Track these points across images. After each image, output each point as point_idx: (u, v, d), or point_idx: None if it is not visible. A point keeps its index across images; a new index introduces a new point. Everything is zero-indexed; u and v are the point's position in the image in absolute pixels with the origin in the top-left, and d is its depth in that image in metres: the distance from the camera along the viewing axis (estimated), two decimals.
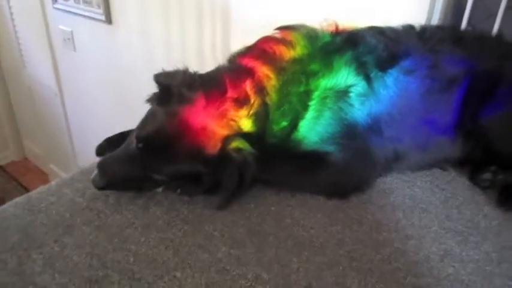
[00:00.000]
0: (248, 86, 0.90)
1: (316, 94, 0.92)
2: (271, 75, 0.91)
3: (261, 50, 0.96)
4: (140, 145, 0.87)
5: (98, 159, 1.02)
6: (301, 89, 0.92)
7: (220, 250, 0.81)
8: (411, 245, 0.85)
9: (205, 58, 1.95)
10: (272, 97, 0.90)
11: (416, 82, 0.99)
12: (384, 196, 0.98)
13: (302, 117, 0.92)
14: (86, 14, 2.37)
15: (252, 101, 0.90)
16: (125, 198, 0.92)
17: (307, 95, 0.92)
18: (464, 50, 1.04)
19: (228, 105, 0.88)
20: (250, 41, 1.04)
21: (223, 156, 0.86)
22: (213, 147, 0.86)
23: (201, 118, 0.86)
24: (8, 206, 0.90)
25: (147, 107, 0.96)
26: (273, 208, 0.93)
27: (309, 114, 0.93)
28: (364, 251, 0.83)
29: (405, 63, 0.99)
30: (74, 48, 2.63)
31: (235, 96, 0.89)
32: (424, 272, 0.79)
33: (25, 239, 0.81)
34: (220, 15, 1.79)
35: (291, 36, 0.98)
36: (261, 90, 0.90)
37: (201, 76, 0.94)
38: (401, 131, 1.00)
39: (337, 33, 1.02)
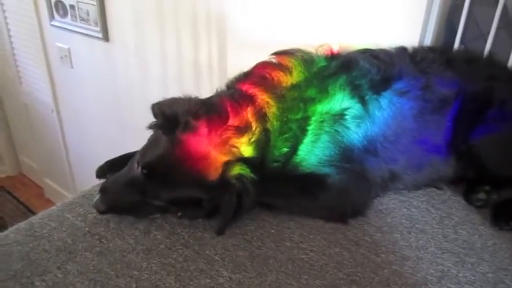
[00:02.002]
0: (249, 113, 0.92)
1: (313, 119, 0.95)
2: (272, 103, 0.93)
3: (260, 76, 0.98)
4: (145, 171, 0.88)
5: (96, 179, 1.04)
6: (300, 115, 0.94)
7: (222, 275, 0.82)
8: (409, 266, 0.87)
9: (201, 74, 1.98)
10: (273, 124, 0.93)
11: (409, 103, 1.02)
12: (382, 217, 1.00)
13: (301, 142, 0.95)
14: (83, 31, 2.39)
15: (253, 128, 0.91)
16: (125, 223, 0.94)
17: (305, 120, 0.94)
18: (455, 71, 1.07)
19: (230, 133, 0.89)
20: (247, 57, 1.06)
21: (224, 182, 0.88)
22: (213, 174, 0.88)
23: (203, 146, 0.87)
24: (10, 232, 0.91)
25: (143, 123, 0.97)
26: (272, 230, 0.94)
27: (308, 139, 0.95)
28: (362, 274, 0.84)
29: (398, 85, 1.02)
30: (71, 65, 2.64)
31: (237, 124, 0.91)
32: None
33: (28, 266, 0.82)
34: (216, 31, 1.82)
35: (287, 61, 1.00)
36: (262, 117, 0.92)
37: (204, 103, 0.95)
38: (396, 152, 1.02)
39: (332, 56, 1.04)
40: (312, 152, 0.96)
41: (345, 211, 0.99)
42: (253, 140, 0.91)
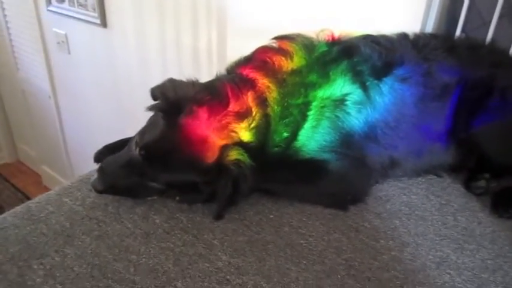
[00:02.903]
0: (250, 98, 0.91)
1: (314, 104, 0.94)
2: (273, 87, 0.92)
3: (261, 60, 0.97)
4: (143, 152, 0.88)
5: (94, 165, 1.03)
6: (300, 100, 0.93)
7: (221, 259, 0.82)
8: (408, 252, 0.86)
9: (201, 61, 1.96)
10: (274, 109, 0.92)
11: (411, 89, 1.01)
12: (381, 203, 1.00)
13: (301, 127, 0.94)
14: (81, 17, 2.36)
15: (253, 113, 0.91)
16: (124, 207, 0.93)
17: (306, 106, 0.94)
18: (456, 58, 1.05)
19: (230, 118, 0.89)
20: (247, 44, 1.04)
21: (220, 166, 0.87)
22: (210, 158, 0.87)
23: (202, 130, 0.87)
24: (8, 215, 0.90)
25: (142, 110, 0.96)
26: (271, 216, 0.94)
27: (308, 124, 0.94)
28: (362, 259, 0.84)
29: (399, 71, 1.01)
30: (69, 51, 2.62)
31: (237, 109, 0.90)
32: (421, 280, 0.80)
33: (25, 250, 0.81)
34: (215, 17, 1.80)
35: (288, 46, 0.99)
36: (262, 102, 0.91)
37: (207, 88, 0.94)
38: (397, 138, 1.01)
39: (333, 42, 1.03)
40: (312, 138, 0.95)
41: (344, 198, 0.98)
42: (253, 125, 0.90)
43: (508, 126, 1.04)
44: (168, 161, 0.88)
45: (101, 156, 1.04)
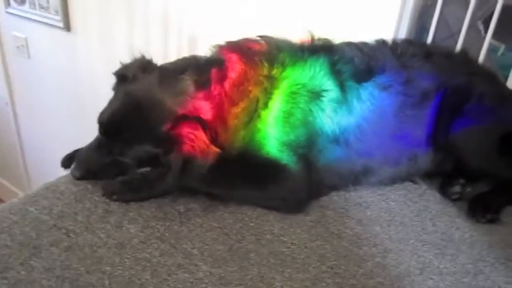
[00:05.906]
0: (213, 73, 0.91)
1: (282, 84, 0.93)
2: (240, 64, 0.92)
3: (237, 45, 0.98)
4: (102, 130, 0.90)
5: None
6: (264, 72, 0.92)
7: (201, 269, 0.78)
8: (391, 258, 0.85)
9: None
10: (233, 82, 0.91)
11: (390, 99, 1.01)
12: (361, 210, 0.99)
13: (265, 106, 0.92)
14: (43, 20, 2.26)
15: (212, 86, 0.90)
16: (95, 216, 0.87)
17: (269, 81, 0.92)
18: (435, 66, 1.07)
19: (186, 84, 0.89)
20: None
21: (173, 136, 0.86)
22: (165, 124, 0.87)
23: (152, 94, 0.88)
24: None
25: None
26: (251, 224, 0.90)
27: (275, 105, 0.92)
28: (346, 266, 0.82)
29: (380, 79, 1.00)
30: (29, 56, 2.50)
31: (195, 77, 0.90)
32: (406, 286, 0.79)
33: None
34: (187, 25, 1.77)
35: (269, 39, 1.00)
36: (223, 77, 0.91)
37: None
38: (373, 147, 1.01)
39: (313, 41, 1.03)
40: (283, 130, 0.92)
41: (299, 201, 0.95)
42: (210, 97, 0.90)
43: (483, 130, 1.05)
44: (126, 133, 0.88)
45: (69, 161, 0.99)
